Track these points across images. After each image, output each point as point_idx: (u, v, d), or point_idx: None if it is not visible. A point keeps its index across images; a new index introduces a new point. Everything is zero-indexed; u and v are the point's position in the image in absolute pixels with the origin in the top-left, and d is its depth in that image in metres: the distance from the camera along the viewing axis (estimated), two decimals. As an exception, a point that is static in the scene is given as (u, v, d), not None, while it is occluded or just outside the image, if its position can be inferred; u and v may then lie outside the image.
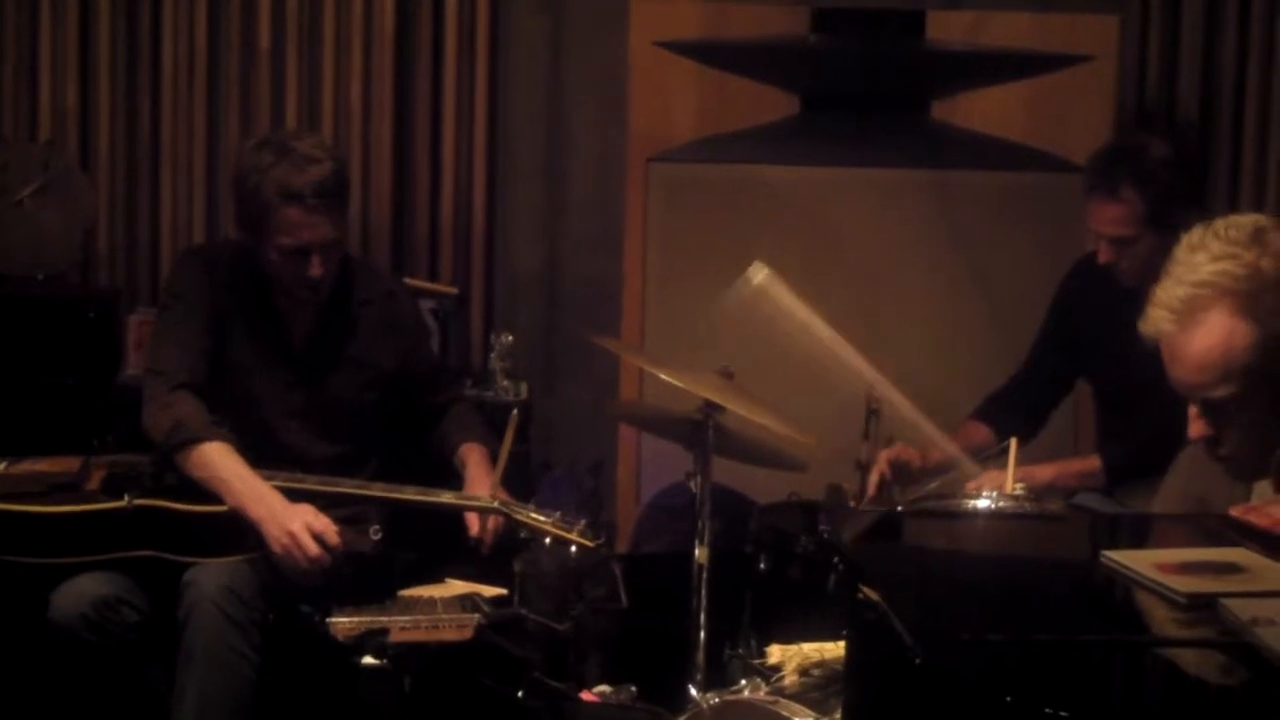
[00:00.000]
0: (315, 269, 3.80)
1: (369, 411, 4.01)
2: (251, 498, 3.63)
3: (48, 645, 3.66)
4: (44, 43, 4.95)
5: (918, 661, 2.07)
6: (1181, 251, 2.62)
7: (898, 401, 3.70)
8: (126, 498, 3.64)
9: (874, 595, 2.37)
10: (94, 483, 3.73)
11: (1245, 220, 2.61)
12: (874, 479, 3.91)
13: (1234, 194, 5.01)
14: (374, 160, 5.02)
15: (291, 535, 3.57)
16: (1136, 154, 4.09)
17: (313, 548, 3.58)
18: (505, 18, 5.06)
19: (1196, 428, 2.66)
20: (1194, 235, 2.62)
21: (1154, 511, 3.12)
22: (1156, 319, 2.61)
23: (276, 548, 3.59)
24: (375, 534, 3.76)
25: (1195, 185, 4.21)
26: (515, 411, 3.83)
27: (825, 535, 3.63)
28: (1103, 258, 4.07)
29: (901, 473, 3.95)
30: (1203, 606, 2.15)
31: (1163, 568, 2.26)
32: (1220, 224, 2.61)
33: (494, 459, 3.90)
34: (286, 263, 3.81)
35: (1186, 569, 2.26)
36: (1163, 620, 2.19)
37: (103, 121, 4.98)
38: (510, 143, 5.10)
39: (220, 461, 3.67)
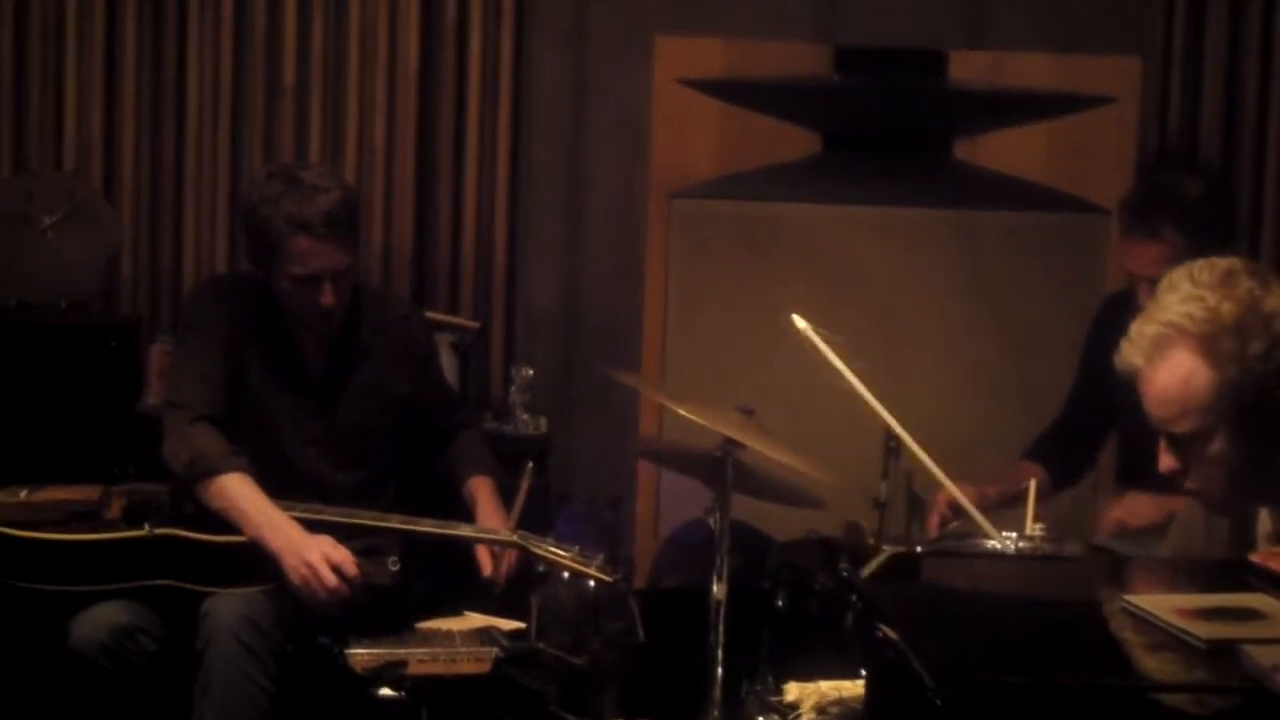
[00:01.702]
0: (327, 297, 3.82)
1: (386, 437, 4.02)
2: (270, 529, 3.64)
3: (66, 673, 3.67)
4: (70, 73, 4.99)
5: (937, 702, 2.07)
6: (1161, 289, 2.68)
7: (920, 456, 3.70)
8: (146, 526, 3.65)
9: (892, 635, 2.37)
10: (114, 511, 3.73)
11: (1221, 263, 2.66)
12: (934, 519, 3.91)
13: (1255, 235, 5.03)
14: (396, 194, 5.04)
15: (310, 566, 3.58)
16: (1174, 193, 4.06)
17: (331, 579, 3.58)
18: (528, 53, 5.08)
19: (1164, 461, 2.73)
20: (1174, 274, 2.68)
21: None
22: (1128, 354, 2.68)
23: (295, 579, 3.60)
24: (393, 565, 3.76)
25: (1231, 221, 4.20)
26: (530, 464, 3.84)
27: (845, 573, 3.62)
28: (1142, 299, 4.04)
29: (961, 511, 3.96)
30: (1223, 652, 2.15)
31: (1183, 613, 2.26)
32: (1198, 265, 2.67)
33: (502, 491, 3.93)
34: (298, 292, 3.83)
35: (1207, 614, 2.26)
36: (1182, 666, 2.19)
37: (127, 152, 5.01)
38: (532, 178, 5.12)
39: (239, 492, 3.69)
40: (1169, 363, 2.62)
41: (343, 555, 3.61)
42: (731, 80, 4.95)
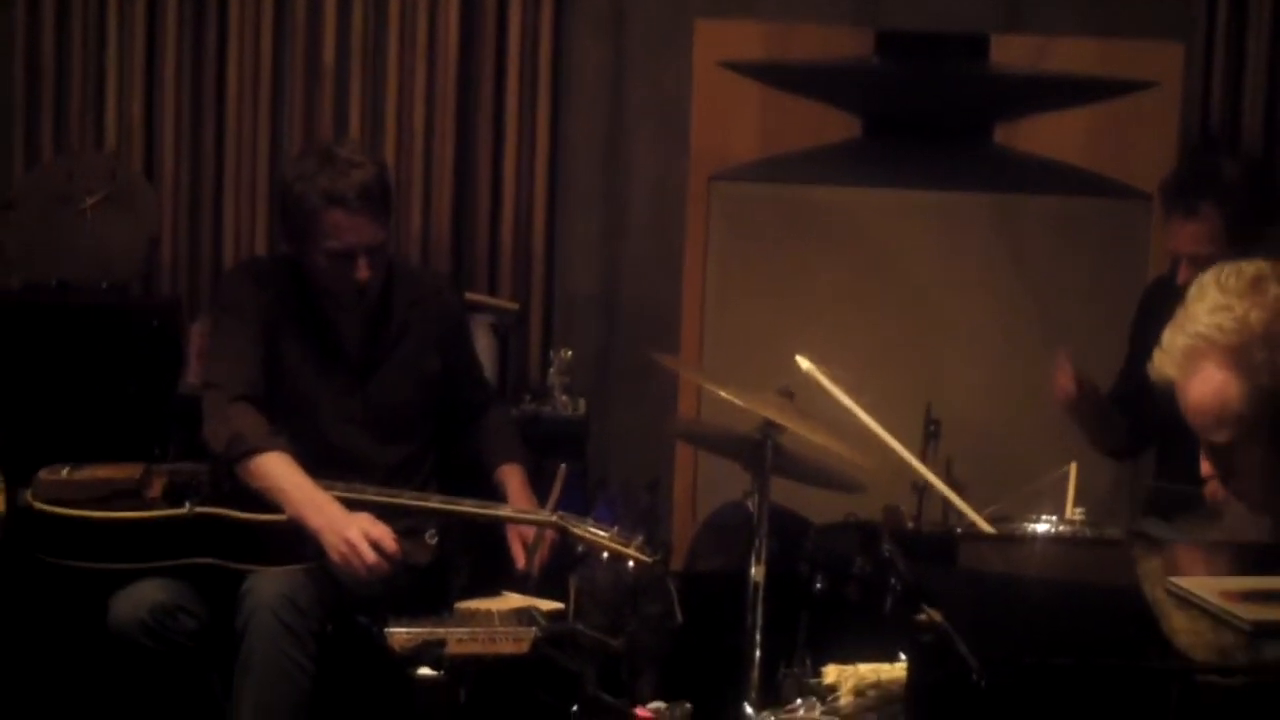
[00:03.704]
0: (361, 272, 3.83)
1: (423, 413, 4.04)
2: (310, 506, 3.65)
3: (107, 651, 3.69)
4: (111, 54, 5.00)
5: (982, 684, 2.06)
6: (1189, 298, 2.66)
7: (935, 482, 3.70)
8: (187, 505, 3.67)
9: (936, 616, 2.37)
10: (155, 490, 3.75)
11: (1249, 269, 2.64)
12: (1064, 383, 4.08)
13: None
14: (435, 177, 5.05)
15: (349, 543, 3.59)
16: (1212, 171, 4.10)
17: (370, 555, 3.59)
18: (568, 37, 5.09)
19: (1204, 468, 2.73)
20: (1201, 281, 2.67)
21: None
22: (1161, 364, 2.67)
23: (335, 556, 3.60)
24: (431, 539, 3.77)
25: (1270, 202, 4.19)
26: (564, 465, 3.84)
27: (887, 554, 3.62)
28: (1182, 279, 4.04)
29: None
30: (1268, 635, 2.15)
31: (1228, 595, 2.25)
32: (1225, 271, 2.65)
33: (531, 478, 4.00)
34: (333, 267, 3.84)
35: (1252, 597, 2.25)
36: (1227, 648, 2.19)
37: (168, 133, 5.03)
38: (571, 161, 5.12)
39: (279, 471, 3.70)
40: (1201, 375, 2.61)
41: (382, 531, 3.61)
42: (772, 63, 4.94)
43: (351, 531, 3.60)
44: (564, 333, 5.11)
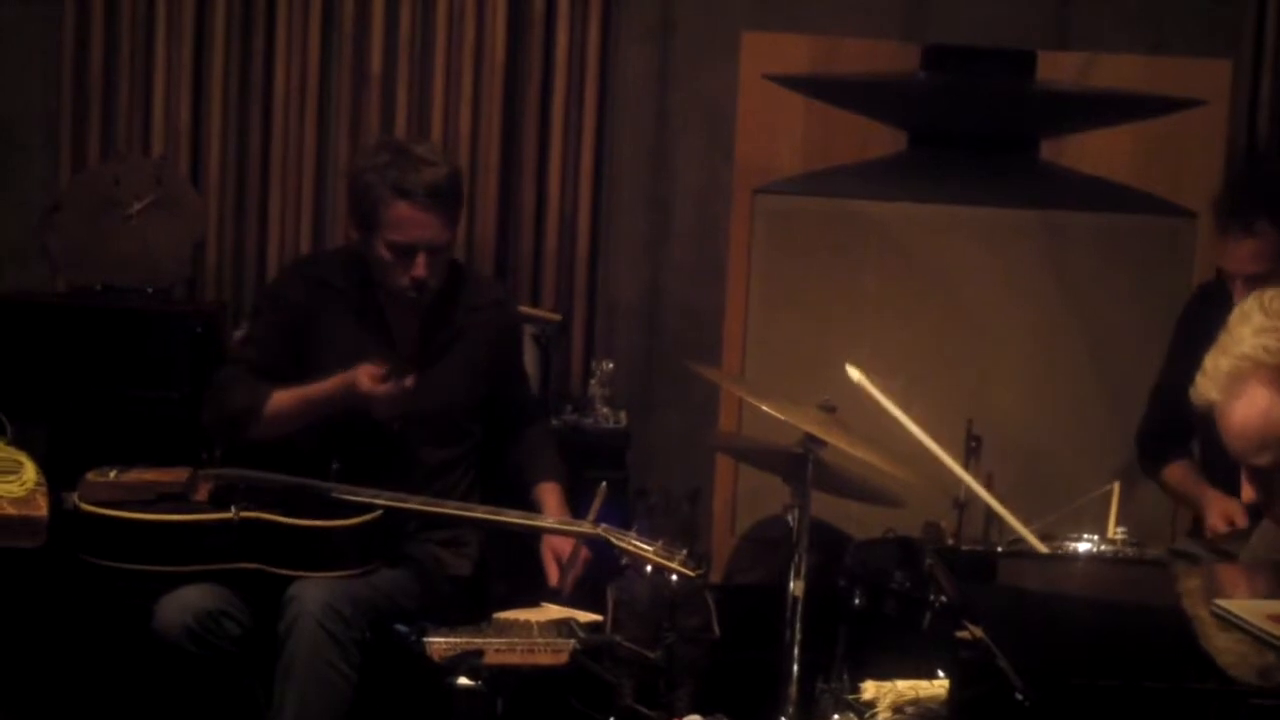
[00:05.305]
0: (419, 270, 3.83)
1: (472, 417, 4.03)
2: (321, 396, 3.76)
3: (150, 655, 3.70)
4: (159, 60, 5.02)
5: (1026, 703, 2.06)
6: (1232, 321, 2.64)
7: (981, 493, 3.69)
8: (233, 509, 3.67)
9: (978, 634, 2.37)
10: (202, 494, 3.75)
11: None
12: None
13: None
14: (480, 185, 5.06)
15: (363, 389, 3.70)
16: (1266, 186, 4.04)
17: (383, 388, 3.70)
18: (615, 46, 5.09)
19: (1245, 492, 2.70)
20: (1245, 305, 2.66)
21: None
22: (1204, 388, 2.65)
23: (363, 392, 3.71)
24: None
25: None
26: (604, 484, 3.83)
27: (929, 569, 3.61)
28: (1239, 297, 4.00)
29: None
30: (1315, 659, 2.14)
31: (1273, 618, 2.25)
32: (1270, 294, 2.64)
33: (569, 492, 3.99)
34: (394, 261, 3.84)
35: (1298, 620, 2.25)
36: (1273, 671, 2.18)
37: (214, 139, 5.04)
38: (616, 171, 5.13)
39: (280, 404, 3.79)
40: (1246, 397, 2.60)
41: (367, 369, 3.73)
42: (818, 76, 4.95)
43: (356, 384, 3.73)
44: (606, 343, 5.12)
